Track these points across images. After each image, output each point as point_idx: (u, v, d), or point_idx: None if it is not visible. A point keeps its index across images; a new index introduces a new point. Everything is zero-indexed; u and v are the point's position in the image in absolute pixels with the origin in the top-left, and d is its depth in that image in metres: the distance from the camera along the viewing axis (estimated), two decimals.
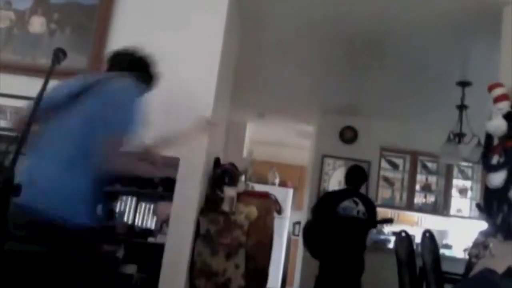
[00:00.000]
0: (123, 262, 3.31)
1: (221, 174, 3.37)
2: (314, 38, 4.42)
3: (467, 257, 3.82)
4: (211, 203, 3.25)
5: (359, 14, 3.84)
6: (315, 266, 4.73)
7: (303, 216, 7.11)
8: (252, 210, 3.25)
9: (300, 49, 4.71)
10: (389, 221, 5.32)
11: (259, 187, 5.16)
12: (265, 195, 3.59)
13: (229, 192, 3.25)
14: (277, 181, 8.45)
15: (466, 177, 6.86)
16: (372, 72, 5.06)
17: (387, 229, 6.65)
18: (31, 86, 3.13)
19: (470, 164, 6.60)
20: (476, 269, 2.52)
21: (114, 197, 3.68)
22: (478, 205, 3.54)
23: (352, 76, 5.30)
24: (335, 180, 6.55)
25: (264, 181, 8.07)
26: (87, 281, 1.93)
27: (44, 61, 3.18)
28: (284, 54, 4.90)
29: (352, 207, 4.55)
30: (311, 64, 5.12)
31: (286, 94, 6.26)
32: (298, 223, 7.91)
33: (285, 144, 8.93)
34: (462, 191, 6.81)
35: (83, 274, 1.92)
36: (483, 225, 2.99)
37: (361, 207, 4.56)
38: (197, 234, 3.12)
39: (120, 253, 3.32)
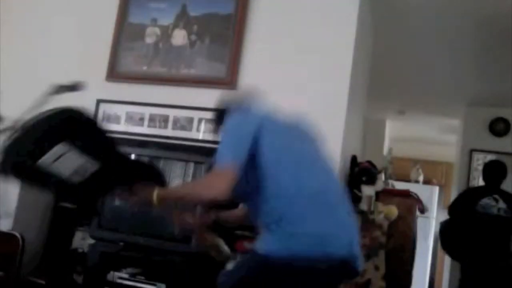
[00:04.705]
0: None
1: (359, 173, 3.32)
2: (456, 26, 4.14)
3: None
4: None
5: None
6: None
7: None
8: (392, 209, 3.15)
9: (441, 41, 4.43)
10: None
11: (401, 186, 4.96)
12: (406, 193, 3.46)
13: (367, 191, 3.18)
14: (421, 178, 8.09)
15: None
16: None
17: None
18: (176, 95, 3.43)
19: None
20: None
21: None
22: None
23: (503, 63, 4.87)
24: None
25: (407, 179, 7.77)
26: None
27: (187, 71, 3.42)
28: (423, 48, 4.65)
29: (492, 204, 4.17)
30: (454, 55, 4.80)
31: (427, 88, 5.94)
32: None
33: (429, 140, 8.49)
34: None
35: None
36: None
37: (502, 205, 4.16)
38: None
39: None
